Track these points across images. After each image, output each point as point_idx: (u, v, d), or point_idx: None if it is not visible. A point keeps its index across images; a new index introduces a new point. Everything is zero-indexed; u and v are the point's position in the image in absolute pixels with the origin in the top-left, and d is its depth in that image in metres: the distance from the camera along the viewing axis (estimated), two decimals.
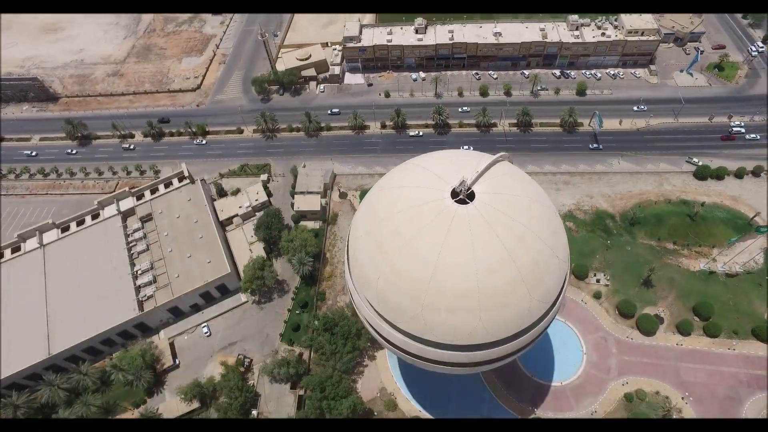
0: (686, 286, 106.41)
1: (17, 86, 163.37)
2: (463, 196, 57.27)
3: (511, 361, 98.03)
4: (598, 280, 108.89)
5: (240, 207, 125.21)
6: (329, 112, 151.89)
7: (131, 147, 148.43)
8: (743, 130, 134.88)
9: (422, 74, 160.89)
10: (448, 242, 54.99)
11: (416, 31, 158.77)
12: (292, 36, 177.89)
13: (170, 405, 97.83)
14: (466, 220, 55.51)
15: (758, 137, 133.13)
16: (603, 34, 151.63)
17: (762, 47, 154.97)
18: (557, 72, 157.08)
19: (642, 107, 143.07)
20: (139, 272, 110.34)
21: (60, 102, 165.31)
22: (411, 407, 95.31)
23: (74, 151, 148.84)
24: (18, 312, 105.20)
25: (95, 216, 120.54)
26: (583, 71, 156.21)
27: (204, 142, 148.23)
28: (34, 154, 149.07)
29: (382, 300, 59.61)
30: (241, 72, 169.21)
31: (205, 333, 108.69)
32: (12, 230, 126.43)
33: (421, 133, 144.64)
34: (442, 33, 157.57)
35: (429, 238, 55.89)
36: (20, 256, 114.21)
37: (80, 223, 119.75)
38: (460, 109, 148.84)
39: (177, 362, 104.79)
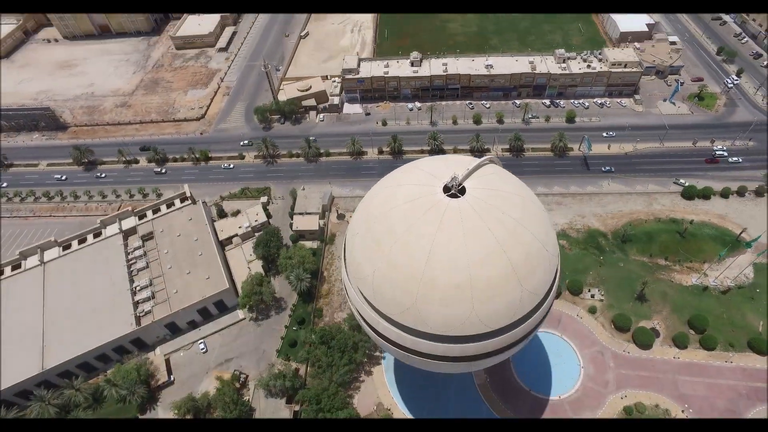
0: (680, 301, 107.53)
1: (29, 116, 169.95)
2: (455, 191, 60.26)
3: (508, 375, 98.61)
4: (592, 296, 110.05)
5: (240, 227, 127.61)
6: (305, 139, 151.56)
7: (163, 171, 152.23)
8: (726, 154, 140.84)
9: (418, 104, 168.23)
10: (440, 233, 57.34)
11: (412, 64, 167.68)
12: (293, 70, 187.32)
13: None
14: (458, 213, 58.15)
15: (740, 160, 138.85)
16: (588, 66, 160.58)
17: (737, 80, 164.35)
18: (547, 101, 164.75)
19: (611, 133, 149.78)
20: (138, 288, 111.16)
21: (69, 131, 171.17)
22: None
23: (104, 175, 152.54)
24: (14, 328, 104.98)
25: (97, 234, 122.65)
26: (572, 101, 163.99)
27: (231, 166, 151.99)
28: (63, 178, 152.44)
29: (378, 293, 61.12)
30: (243, 103, 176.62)
31: (202, 349, 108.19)
32: (12, 251, 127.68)
33: None
34: (436, 65, 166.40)
35: (422, 230, 58.18)
36: (20, 273, 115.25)
37: (82, 241, 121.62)
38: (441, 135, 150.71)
39: (172, 378, 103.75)
